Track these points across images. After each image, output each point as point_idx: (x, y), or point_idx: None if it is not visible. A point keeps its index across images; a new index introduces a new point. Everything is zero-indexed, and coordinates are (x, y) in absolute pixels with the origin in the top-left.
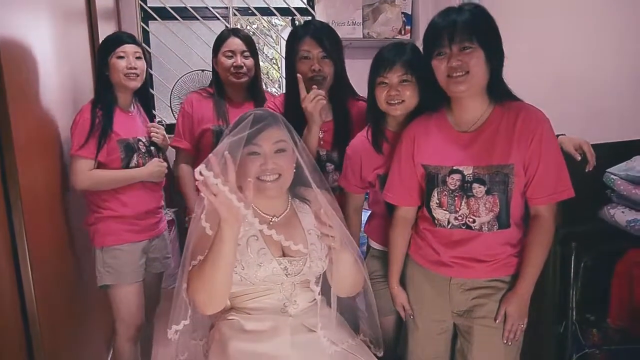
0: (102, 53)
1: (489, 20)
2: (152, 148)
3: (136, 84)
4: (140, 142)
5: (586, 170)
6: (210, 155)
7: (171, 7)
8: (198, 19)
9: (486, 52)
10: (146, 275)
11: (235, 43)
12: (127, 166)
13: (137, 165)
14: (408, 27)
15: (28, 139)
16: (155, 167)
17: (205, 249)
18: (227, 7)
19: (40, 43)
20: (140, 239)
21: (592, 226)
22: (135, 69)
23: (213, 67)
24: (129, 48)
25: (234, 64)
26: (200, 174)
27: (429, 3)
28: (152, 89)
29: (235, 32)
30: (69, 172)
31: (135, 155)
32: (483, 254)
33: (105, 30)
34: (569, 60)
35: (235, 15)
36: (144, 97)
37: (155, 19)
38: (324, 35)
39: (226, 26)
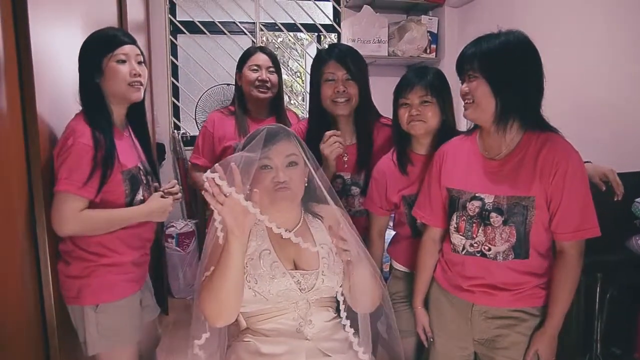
0: (93, 54)
1: (502, 51)
2: (149, 177)
3: (140, 95)
4: (140, 171)
5: (614, 200)
6: (217, 165)
7: (199, 21)
8: (225, 34)
9: (490, 83)
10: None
11: (261, 58)
12: (131, 202)
13: (143, 200)
14: (434, 46)
15: (53, 142)
16: (157, 204)
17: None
18: (254, 23)
19: (74, 55)
20: (137, 289)
21: (619, 256)
22: (140, 75)
23: (236, 82)
24: (130, 49)
25: (259, 77)
26: (214, 181)
27: (455, 22)
28: (178, 100)
29: (262, 49)
30: (52, 210)
31: (140, 189)
32: (502, 282)
33: None
34: (589, 83)
35: (261, 30)
36: (139, 112)
37: (184, 33)
38: (348, 57)
39: (253, 41)
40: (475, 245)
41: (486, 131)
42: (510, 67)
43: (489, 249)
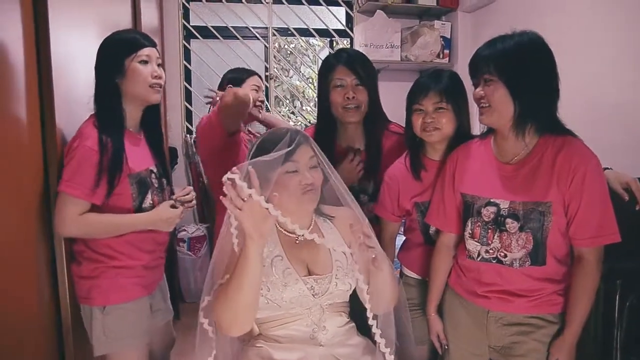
0: (116, 54)
1: (518, 53)
2: (164, 180)
3: (158, 97)
4: (152, 174)
5: (636, 209)
6: (234, 168)
7: (213, 26)
8: (238, 38)
9: (509, 86)
10: (152, 330)
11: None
12: (139, 206)
13: (152, 205)
14: (447, 51)
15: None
16: (165, 214)
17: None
18: (266, 28)
19: (89, 60)
20: (148, 293)
21: (639, 263)
22: (160, 78)
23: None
24: (151, 52)
25: (258, 98)
26: (234, 183)
27: (469, 27)
28: (191, 105)
29: (257, 74)
30: (54, 211)
31: (149, 193)
32: (518, 289)
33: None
34: (606, 86)
35: (274, 35)
36: (153, 115)
37: (197, 38)
38: (357, 62)
39: (265, 46)
40: (490, 251)
41: (502, 135)
42: (528, 69)
43: (505, 256)
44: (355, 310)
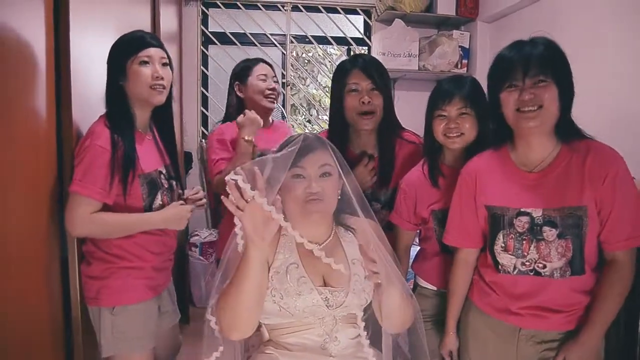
0: (118, 56)
1: (562, 56)
2: (173, 182)
3: (162, 98)
4: (162, 175)
5: None
6: (239, 167)
7: (231, 33)
8: (256, 45)
9: (560, 88)
10: (159, 332)
11: (266, 68)
12: (149, 207)
13: (162, 205)
14: (465, 61)
15: None
16: (174, 211)
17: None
18: (284, 35)
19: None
20: (156, 294)
21: None
22: (162, 78)
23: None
24: (154, 52)
25: (268, 86)
26: (237, 184)
27: (487, 37)
28: (207, 110)
29: (266, 62)
30: (65, 211)
31: (159, 193)
32: (557, 304)
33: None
34: (629, 96)
35: (292, 42)
36: (164, 116)
37: (215, 43)
38: (373, 67)
39: (283, 53)
40: (527, 263)
41: (530, 142)
42: (568, 72)
43: (544, 266)
44: (373, 319)
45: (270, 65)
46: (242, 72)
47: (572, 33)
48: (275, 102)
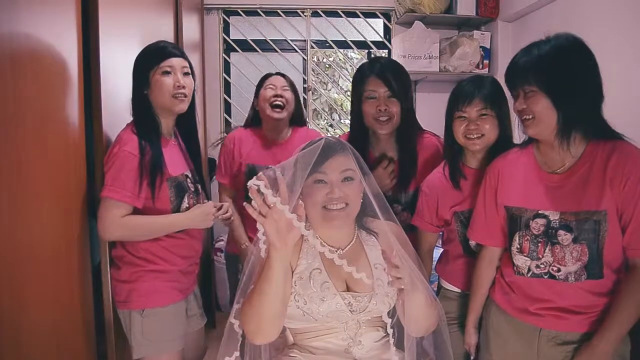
0: (142, 67)
1: (556, 58)
2: (199, 185)
3: (183, 106)
4: (188, 179)
5: None
6: (261, 173)
7: (252, 40)
8: (277, 51)
9: (551, 96)
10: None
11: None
12: (177, 209)
13: (189, 208)
14: (486, 62)
15: None
16: (199, 209)
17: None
18: (305, 40)
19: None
20: (184, 297)
21: None
22: (184, 87)
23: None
24: (176, 62)
25: (274, 94)
26: (259, 190)
27: (509, 37)
28: (230, 117)
29: (281, 74)
30: (97, 216)
31: (186, 196)
32: (574, 305)
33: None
34: None
35: (312, 47)
36: (188, 123)
37: (237, 51)
38: (390, 73)
39: (304, 58)
40: (541, 266)
41: (547, 144)
42: (568, 75)
43: (559, 270)
44: (397, 322)
45: (286, 77)
46: (258, 85)
47: (596, 28)
48: (283, 111)
